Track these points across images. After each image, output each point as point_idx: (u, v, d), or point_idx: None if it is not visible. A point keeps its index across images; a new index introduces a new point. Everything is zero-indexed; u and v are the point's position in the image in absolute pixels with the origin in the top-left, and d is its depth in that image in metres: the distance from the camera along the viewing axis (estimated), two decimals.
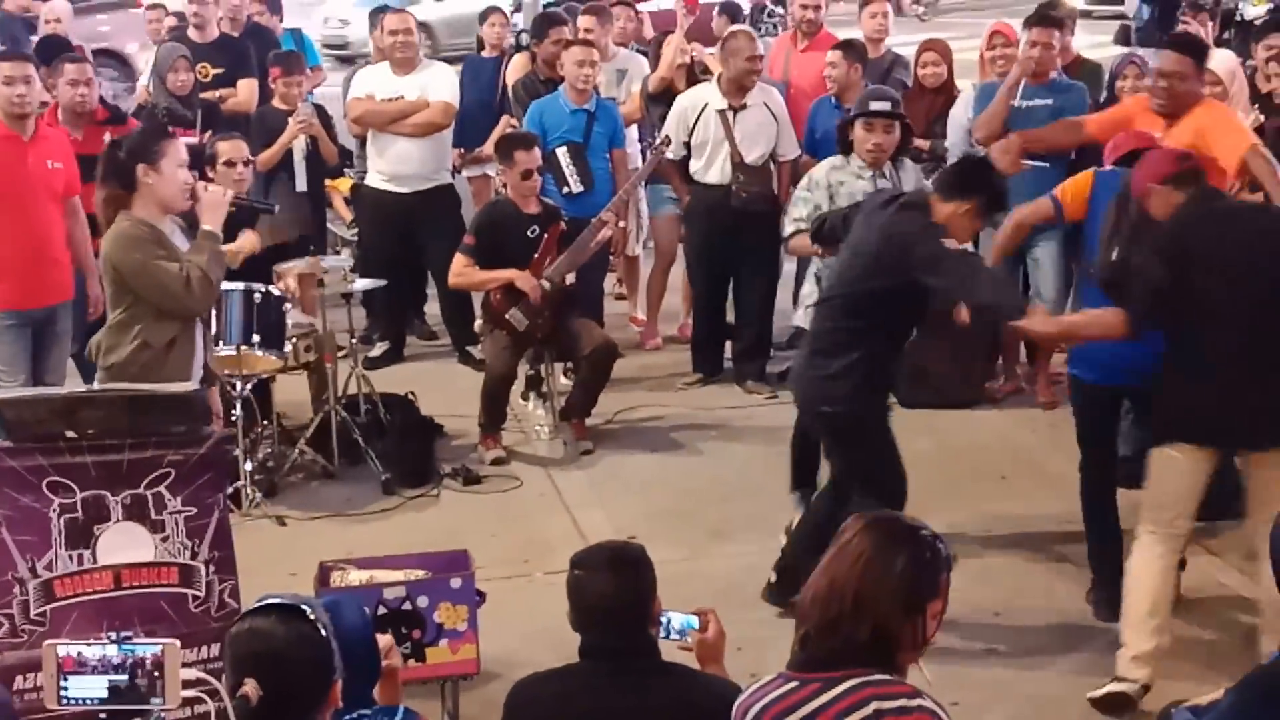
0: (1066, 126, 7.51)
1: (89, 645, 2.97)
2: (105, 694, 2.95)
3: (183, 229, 5.62)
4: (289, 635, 3.19)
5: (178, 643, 3.01)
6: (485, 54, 10.41)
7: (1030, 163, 7.37)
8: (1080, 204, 6.12)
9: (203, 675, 3.04)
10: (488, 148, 9.68)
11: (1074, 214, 6.16)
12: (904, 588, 3.13)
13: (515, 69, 9.91)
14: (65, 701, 2.98)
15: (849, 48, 8.87)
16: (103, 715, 2.95)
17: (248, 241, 7.35)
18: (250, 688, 3.10)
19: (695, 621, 3.99)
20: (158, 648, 2.95)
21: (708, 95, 8.76)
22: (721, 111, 8.65)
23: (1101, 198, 5.88)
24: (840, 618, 3.14)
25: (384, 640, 4.03)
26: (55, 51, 9.32)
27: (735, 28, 9.30)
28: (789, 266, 9.38)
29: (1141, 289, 5.30)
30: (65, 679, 2.96)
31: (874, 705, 3.08)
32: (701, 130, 8.69)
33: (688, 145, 8.74)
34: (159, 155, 5.46)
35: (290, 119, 9.19)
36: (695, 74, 9.33)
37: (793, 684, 3.19)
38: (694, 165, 8.79)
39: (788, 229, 7.37)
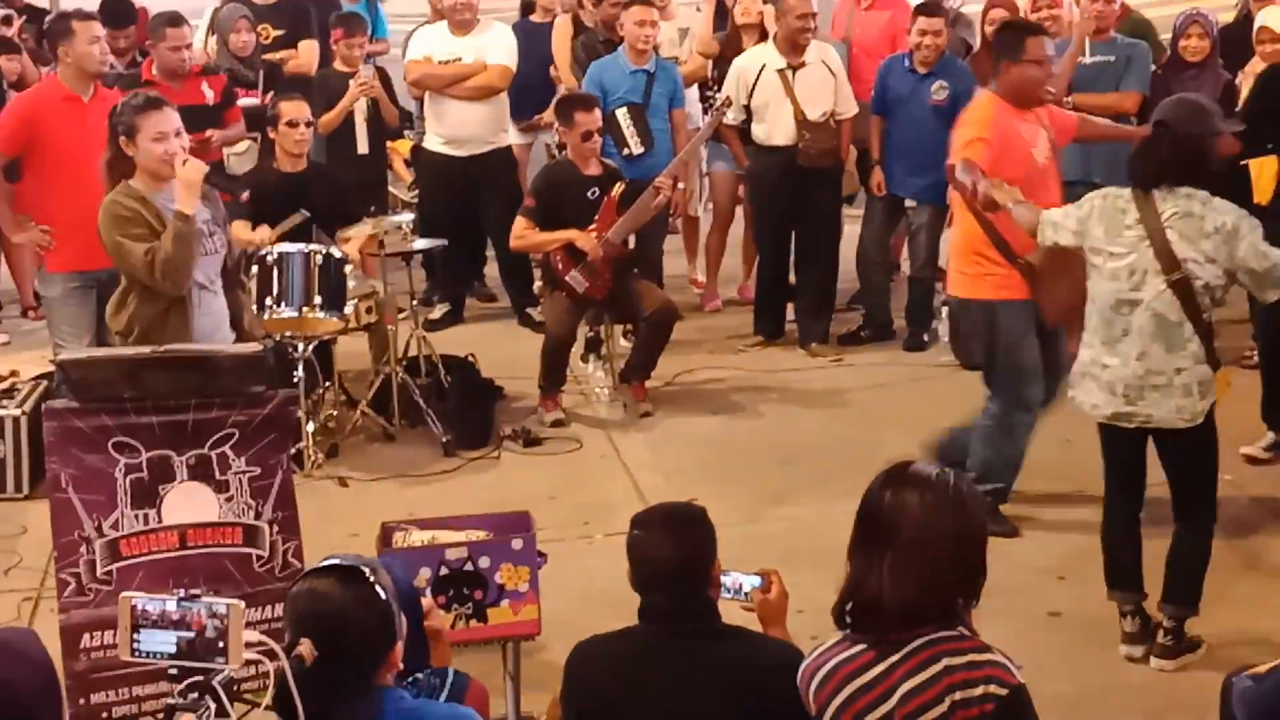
0: None
1: (161, 600, 2.99)
2: (174, 649, 2.97)
3: (207, 196, 5.63)
4: (347, 596, 3.20)
5: (242, 603, 3.02)
6: (535, 19, 10.32)
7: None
8: None
9: (261, 637, 3.06)
10: (547, 115, 9.68)
11: None
12: (951, 555, 3.12)
13: (560, 33, 9.84)
14: (137, 654, 3.01)
15: (946, 14, 8.77)
16: (172, 670, 2.98)
17: (258, 235, 7.36)
18: (305, 647, 3.12)
19: (759, 581, 3.98)
20: (223, 607, 2.97)
21: (765, 55, 8.72)
22: (781, 71, 8.61)
23: None
24: (880, 591, 3.13)
25: (424, 603, 4.04)
26: (120, 13, 9.37)
27: None
28: (851, 228, 9.34)
29: None
30: (138, 632, 2.99)
31: (944, 661, 3.07)
32: (761, 91, 8.65)
33: (748, 108, 8.70)
34: (134, 130, 5.49)
35: (351, 81, 9.19)
36: (766, 32, 9.25)
37: (860, 646, 3.17)
38: (757, 129, 8.75)
39: None
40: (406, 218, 8.48)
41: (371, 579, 3.24)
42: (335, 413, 7.73)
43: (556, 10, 10.25)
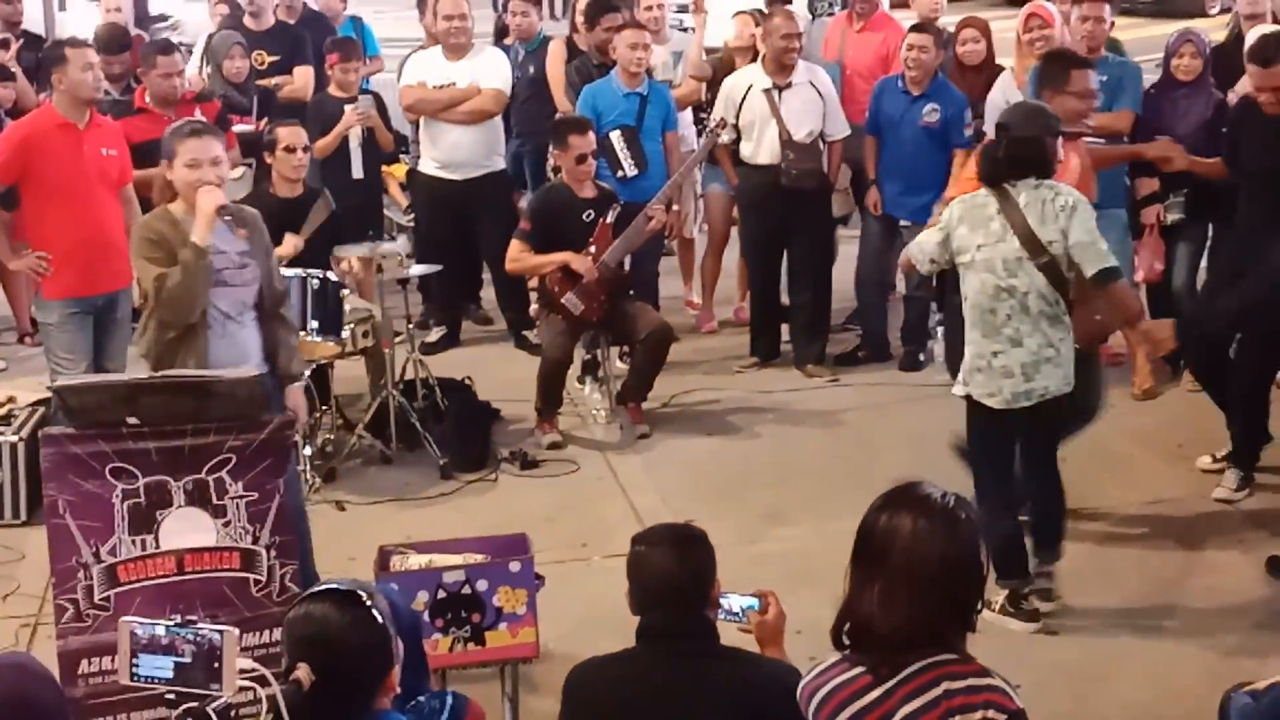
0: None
1: (158, 625, 3.00)
2: (171, 674, 2.99)
3: (229, 226, 5.63)
4: (343, 621, 3.21)
5: (236, 630, 3.03)
6: (509, 42, 10.32)
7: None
8: None
9: (254, 664, 3.06)
10: None
11: None
12: (940, 583, 3.10)
13: (554, 57, 9.86)
14: (136, 678, 3.02)
15: (937, 32, 8.78)
16: (169, 695, 2.99)
17: (288, 245, 7.37)
18: (303, 672, 3.13)
19: (756, 603, 3.98)
20: (217, 634, 2.98)
21: (752, 76, 8.77)
22: (767, 91, 8.66)
23: None
24: (872, 614, 3.12)
25: None
26: (114, 40, 9.40)
27: (774, 6, 9.25)
28: (847, 248, 9.36)
29: None
30: (136, 657, 3.00)
31: (943, 686, 3.05)
32: (748, 110, 8.69)
33: (736, 127, 8.74)
34: (172, 154, 5.50)
35: (347, 107, 9.21)
36: (759, 54, 9.27)
37: (859, 668, 3.16)
38: (744, 148, 8.79)
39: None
40: (403, 245, 8.50)
41: (368, 603, 3.25)
42: (332, 436, 7.73)
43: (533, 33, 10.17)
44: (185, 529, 4.88)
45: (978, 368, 5.81)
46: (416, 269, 8.22)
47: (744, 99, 8.72)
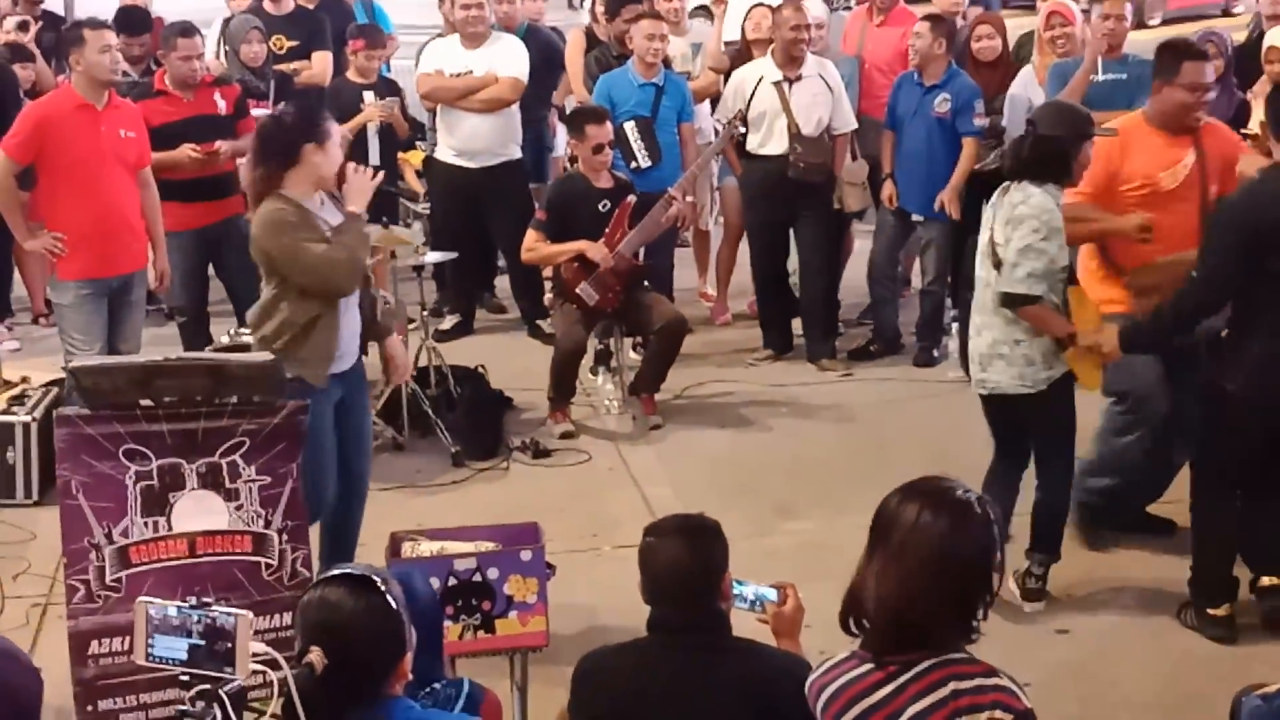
0: None
1: (172, 606, 3.01)
2: (186, 656, 2.99)
3: (333, 198, 5.62)
4: (357, 606, 3.21)
5: (249, 614, 3.03)
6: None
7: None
8: None
9: (265, 647, 3.06)
10: None
11: None
12: (938, 569, 3.09)
13: (573, 46, 9.85)
14: (151, 659, 3.02)
15: (938, 21, 8.75)
16: (184, 677, 2.99)
17: None
18: (316, 656, 3.13)
19: (774, 594, 3.98)
20: (231, 618, 2.98)
21: (763, 68, 8.76)
22: (777, 83, 8.65)
23: None
24: (898, 608, 3.11)
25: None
26: (135, 21, 9.41)
27: None
28: (863, 242, 9.34)
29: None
30: (152, 637, 3.01)
31: (951, 685, 3.05)
32: (758, 103, 8.69)
33: (745, 120, 8.72)
34: (326, 135, 5.43)
35: (366, 94, 9.19)
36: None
37: (867, 665, 3.16)
38: (753, 140, 8.77)
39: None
40: (418, 233, 8.49)
41: (382, 588, 3.25)
42: None
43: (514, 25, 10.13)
44: (197, 511, 4.88)
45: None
46: (431, 256, 8.23)
47: (754, 91, 8.71)
